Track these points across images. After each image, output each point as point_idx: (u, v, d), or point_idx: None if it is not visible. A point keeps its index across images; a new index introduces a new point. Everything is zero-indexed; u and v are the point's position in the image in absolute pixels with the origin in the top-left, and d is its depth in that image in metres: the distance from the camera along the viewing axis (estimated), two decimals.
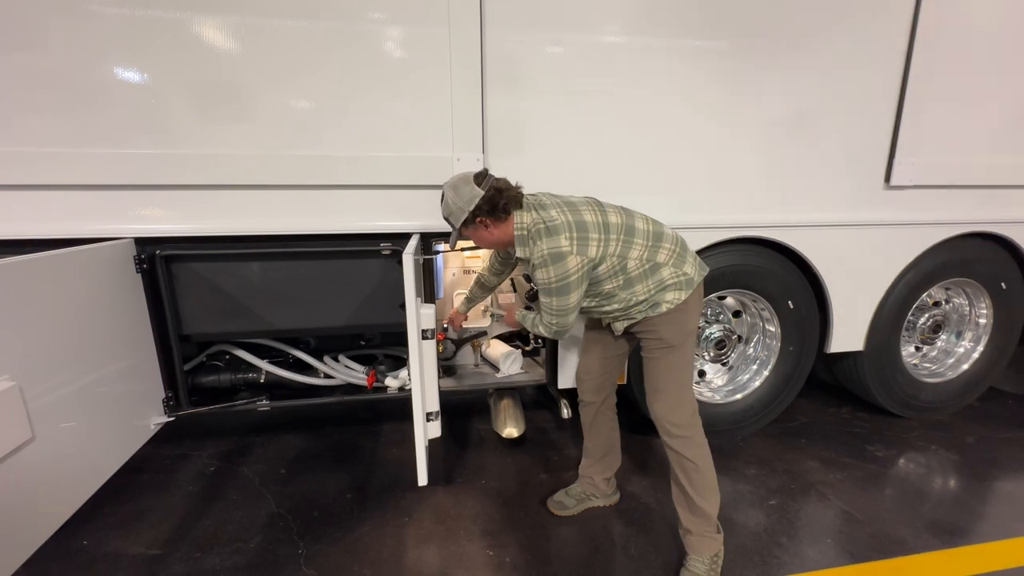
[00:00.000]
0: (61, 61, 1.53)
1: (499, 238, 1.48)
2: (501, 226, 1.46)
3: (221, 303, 1.83)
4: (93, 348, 1.46)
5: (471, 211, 1.41)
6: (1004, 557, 1.67)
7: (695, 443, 1.54)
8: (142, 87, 1.59)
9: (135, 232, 1.68)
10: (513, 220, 1.45)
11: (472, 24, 1.70)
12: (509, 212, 1.44)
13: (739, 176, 2.03)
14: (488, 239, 1.49)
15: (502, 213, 1.43)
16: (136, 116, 1.60)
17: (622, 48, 1.83)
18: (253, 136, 1.69)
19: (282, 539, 1.74)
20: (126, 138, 1.61)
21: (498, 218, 1.44)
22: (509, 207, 1.43)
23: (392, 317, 1.95)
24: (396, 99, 1.74)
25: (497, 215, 1.43)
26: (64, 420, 1.30)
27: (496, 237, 1.48)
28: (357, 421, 2.56)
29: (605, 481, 1.90)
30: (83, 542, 1.72)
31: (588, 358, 1.79)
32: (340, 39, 1.65)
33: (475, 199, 1.40)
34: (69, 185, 1.61)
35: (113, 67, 1.56)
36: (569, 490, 1.94)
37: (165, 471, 2.13)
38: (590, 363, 1.79)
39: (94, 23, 1.52)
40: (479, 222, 1.44)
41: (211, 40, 1.59)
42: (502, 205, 1.42)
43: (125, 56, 1.56)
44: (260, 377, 2.05)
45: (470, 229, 1.47)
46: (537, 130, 1.85)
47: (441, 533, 1.78)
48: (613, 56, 1.83)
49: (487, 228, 1.46)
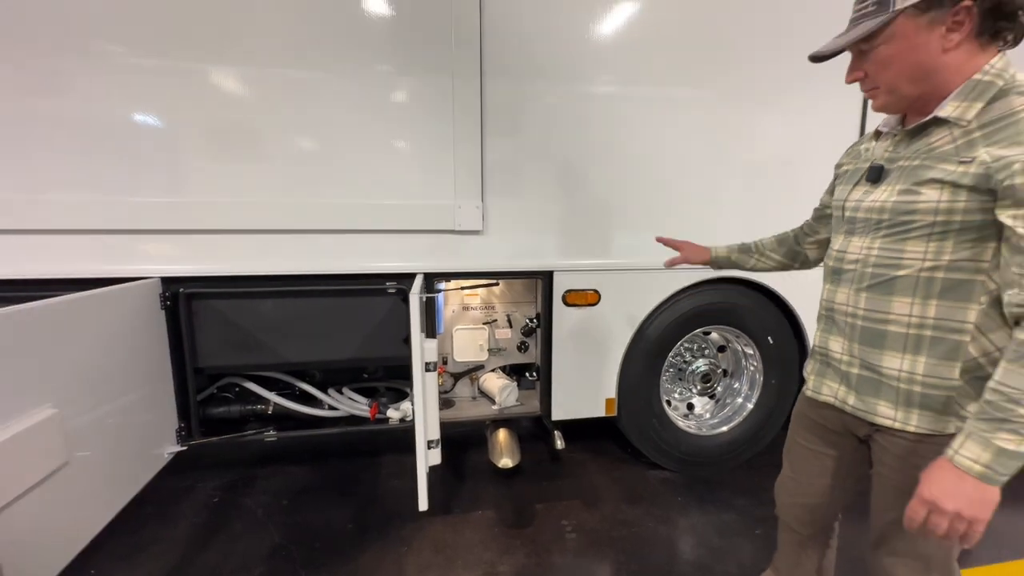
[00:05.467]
0: (97, 115, 1.72)
1: (941, 68, 0.87)
2: (968, 51, 0.86)
3: (236, 337, 1.95)
4: (120, 379, 1.57)
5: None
6: None
7: None
8: (170, 142, 1.78)
9: (161, 272, 1.82)
10: (989, 58, 0.86)
11: (473, 75, 1.90)
12: (1001, 40, 0.86)
13: (722, 219, 2.22)
14: (919, 58, 0.88)
15: (994, 33, 0.85)
16: (162, 167, 1.78)
17: (615, 96, 2.05)
18: (270, 185, 1.86)
19: (285, 569, 1.80)
20: (153, 187, 1.78)
21: (982, 33, 0.85)
22: (1011, 33, 0.86)
23: (395, 350, 2.07)
24: (401, 150, 1.93)
25: (987, 27, 0.84)
26: (92, 447, 1.40)
27: (938, 62, 0.87)
28: (358, 454, 2.63)
29: None
30: (91, 571, 1.77)
31: (790, 467, 1.25)
32: (354, 97, 1.86)
33: None
34: (103, 230, 1.77)
35: (142, 124, 1.75)
36: None
37: (169, 502, 2.18)
38: (793, 477, 1.24)
39: (130, 79, 1.72)
40: (960, 12, 0.83)
41: (232, 94, 1.79)
42: (1012, 16, 0.84)
43: (153, 113, 1.75)
44: (268, 409, 2.15)
45: (919, 22, 0.85)
46: (530, 172, 2.04)
47: (440, 562, 1.84)
48: (607, 102, 2.05)
49: (949, 34, 0.85)
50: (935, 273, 0.90)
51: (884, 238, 0.96)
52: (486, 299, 2.44)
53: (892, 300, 0.95)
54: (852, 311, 1.02)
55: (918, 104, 0.94)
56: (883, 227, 0.96)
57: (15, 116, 1.66)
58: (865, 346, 1.00)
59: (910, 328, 0.94)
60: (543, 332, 2.23)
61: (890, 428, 0.98)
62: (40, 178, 1.70)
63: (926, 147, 0.91)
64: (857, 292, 1.00)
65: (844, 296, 1.03)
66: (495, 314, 2.44)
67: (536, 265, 2.12)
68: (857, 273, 1.00)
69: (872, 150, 1.05)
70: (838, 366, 1.06)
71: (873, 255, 0.98)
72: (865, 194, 1.00)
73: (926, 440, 0.94)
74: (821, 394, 1.11)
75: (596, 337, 2.22)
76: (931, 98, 0.91)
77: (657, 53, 2.05)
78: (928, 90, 0.91)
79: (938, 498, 0.81)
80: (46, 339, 1.25)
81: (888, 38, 0.89)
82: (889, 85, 0.93)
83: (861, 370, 1.01)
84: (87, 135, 1.71)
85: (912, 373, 0.94)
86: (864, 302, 0.99)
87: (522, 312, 2.45)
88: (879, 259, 0.97)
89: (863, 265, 0.99)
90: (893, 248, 0.94)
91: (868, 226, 0.99)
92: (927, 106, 0.92)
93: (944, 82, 0.89)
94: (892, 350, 0.96)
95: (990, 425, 0.79)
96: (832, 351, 1.07)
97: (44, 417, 1.18)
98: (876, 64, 0.93)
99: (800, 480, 1.22)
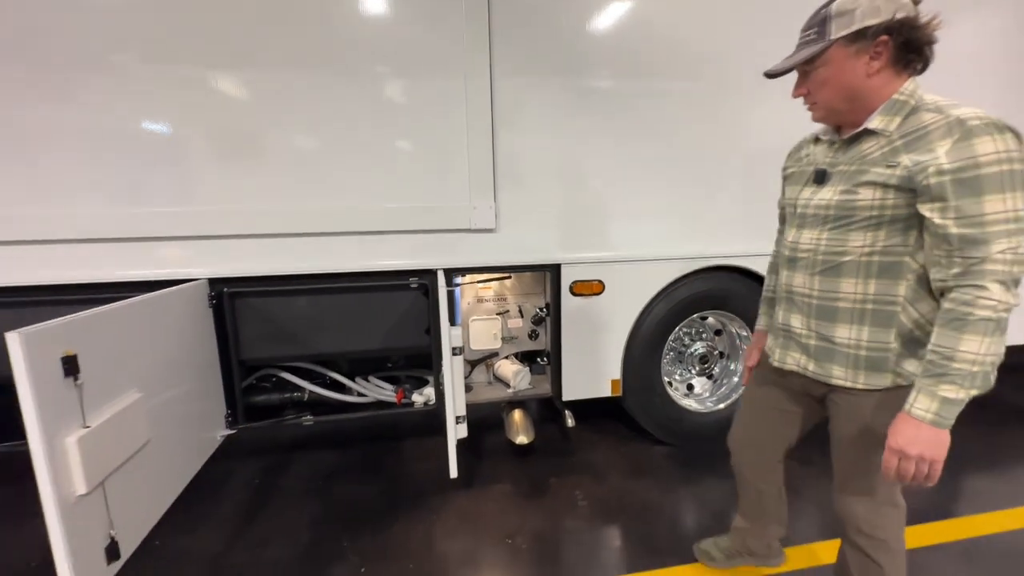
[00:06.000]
0: (159, 135, 1.91)
1: (865, 90, 1.06)
2: (887, 76, 1.05)
3: (274, 331, 2.15)
4: (179, 369, 1.78)
5: (889, 21, 1.00)
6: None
7: (890, 548, 1.22)
8: (218, 159, 1.97)
9: (208, 274, 2.02)
10: (905, 81, 1.06)
11: (484, 87, 2.08)
12: (914, 66, 1.06)
13: (722, 212, 2.38)
14: (847, 80, 1.07)
15: (908, 61, 1.04)
16: (211, 180, 1.97)
17: (615, 91, 2.21)
18: (305, 193, 2.05)
19: (328, 535, 2.01)
20: (203, 197, 1.98)
21: (898, 62, 1.04)
22: (920, 61, 1.05)
23: (417, 340, 2.27)
24: (421, 157, 2.11)
25: (901, 57, 1.04)
26: (165, 428, 1.61)
27: (863, 85, 1.06)
28: (381, 438, 2.84)
29: (764, 545, 1.66)
30: (155, 542, 1.98)
31: (742, 424, 1.51)
32: (378, 112, 2.05)
33: (907, 9, 1.01)
34: (160, 237, 1.97)
35: (193, 140, 1.94)
36: (718, 541, 1.76)
37: (216, 484, 2.40)
38: (745, 432, 1.50)
39: (197, 101, 1.91)
40: (878, 45, 1.02)
41: (271, 108, 1.97)
42: (921, 49, 1.03)
43: (200, 130, 1.94)
44: (304, 396, 2.36)
45: (848, 51, 1.04)
46: (537, 173, 2.22)
47: (465, 529, 2.04)
48: (606, 98, 2.21)
49: (871, 62, 1.04)
50: (872, 257, 1.10)
51: (831, 230, 1.15)
52: (499, 292, 2.63)
53: (840, 281, 1.14)
54: (808, 292, 1.20)
55: (849, 118, 1.13)
56: (830, 221, 1.14)
57: (98, 136, 1.86)
58: (821, 320, 1.19)
59: (855, 304, 1.13)
60: (552, 320, 2.42)
61: (842, 387, 1.18)
62: (105, 192, 1.90)
63: (860, 154, 1.10)
64: (812, 276, 1.19)
65: (801, 280, 1.22)
66: (507, 305, 2.62)
67: (544, 259, 2.31)
68: (810, 260, 1.19)
69: (813, 154, 1.24)
70: (799, 339, 1.25)
71: (823, 244, 1.17)
72: (813, 193, 1.19)
73: (871, 394, 1.15)
74: (787, 364, 1.29)
75: (601, 324, 2.41)
76: (859, 113, 1.10)
77: (656, 48, 2.20)
78: (856, 107, 1.10)
79: (903, 446, 1.00)
80: (131, 332, 1.45)
81: (824, 62, 1.09)
82: (825, 101, 1.13)
83: (818, 341, 1.21)
84: (153, 155, 1.92)
85: (859, 340, 1.14)
86: (818, 284, 1.18)
87: (532, 303, 2.64)
88: (828, 247, 1.16)
89: (815, 253, 1.18)
90: (839, 238, 1.13)
91: (817, 220, 1.17)
92: (857, 120, 1.12)
93: (869, 101, 1.08)
94: (843, 323, 1.16)
95: (933, 380, 0.98)
96: (794, 327, 1.26)
97: (134, 399, 1.39)
98: (815, 83, 1.12)
99: (757, 434, 1.47)
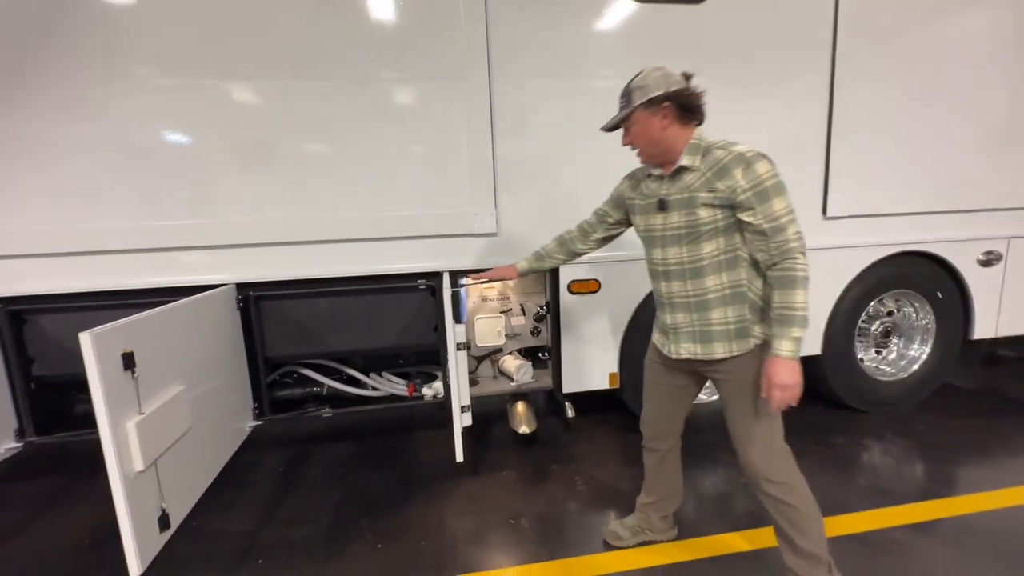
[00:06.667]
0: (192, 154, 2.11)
1: (664, 139, 1.43)
2: (677, 129, 1.43)
3: (296, 331, 2.34)
4: (213, 365, 1.97)
5: (667, 92, 1.38)
6: (926, 513, 2.07)
7: (793, 487, 1.51)
8: (241, 172, 2.16)
9: (236, 279, 2.21)
10: (693, 131, 1.45)
11: (483, 100, 2.25)
12: (695, 120, 1.44)
13: None
14: (651, 134, 1.44)
15: (688, 117, 1.42)
16: (242, 194, 2.17)
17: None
18: (322, 203, 2.23)
19: (349, 517, 2.19)
20: (228, 208, 2.17)
21: (681, 118, 1.42)
22: (697, 117, 1.44)
23: (426, 338, 2.45)
24: (429, 167, 2.29)
25: (683, 115, 1.42)
26: (203, 417, 1.80)
27: (661, 136, 1.43)
28: (393, 431, 3.03)
29: (662, 519, 1.91)
30: (193, 523, 2.18)
31: (651, 404, 1.80)
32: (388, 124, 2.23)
33: (679, 84, 1.40)
34: (192, 246, 2.17)
35: (223, 160, 2.14)
36: (625, 522, 1.95)
37: (244, 472, 2.60)
38: (653, 409, 1.80)
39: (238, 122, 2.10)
40: (663, 109, 1.40)
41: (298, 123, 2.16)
42: (695, 108, 1.42)
43: (228, 150, 2.14)
44: (323, 390, 2.55)
45: (646, 113, 1.42)
46: (534, 179, 2.37)
47: (474, 510, 2.22)
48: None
49: (663, 120, 1.41)
50: (719, 256, 1.45)
51: (687, 244, 1.47)
52: (502, 291, 2.79)
53: (706, 279, 1.48)
54: (686, 294, 1.52)
55: (664, 158, 1.48)
56: (683, 238, 1.47)
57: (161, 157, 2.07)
58: (701, 313, 1.51)
59: (720, 292, 1.47)
60: (552, 318, 2.58)
61: (723, 358, 1.51)
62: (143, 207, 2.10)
63: (686, 186, 1.45)
64: (686, 281, 1.51)
65: (679, 287, 1.53)
66: (510, 304, 2.78)
67: None
68: (681, 270, 1.51)
69: (650, 188, 1.55)
70: (687, 331, 1.55)
71: (685, 256, 1.49)
72: (664, 219, 1.50)
73: (743, 356, 1.49)
74: (681, 354, 1.58)
75: (598, 320, 2.57)
76: (670, 154, 1.46)
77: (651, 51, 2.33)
78: (665, 150, 1.46)
79: (783, 379, 1.35)
80: (175, 332, 1.65)
81: (634, 122, 1.46)
82: (642, 148, 1.50)
83: (701, 327, 1.52)
84: (192, 178, 2.13)
85: (727, 319, 1.48)
86: (691, 286, 1.51)
87: (533, 301, 2.80)
88: (690, 257, 1.49)
89: (682, 264, 1.50)
90: (695, 249, 1.47)
91: (675, 239, 1.49)
92: (671, 159, 1.47)
93: (672, 146, 1.45)
94: (715, 308, 1.49)
95: (782, 328, 1.36)
96: (680, 324, 1.56)
97: (179, 391, 1.58)
98: (632, 136, 1.50)
99: (661, 411, 1.78)
